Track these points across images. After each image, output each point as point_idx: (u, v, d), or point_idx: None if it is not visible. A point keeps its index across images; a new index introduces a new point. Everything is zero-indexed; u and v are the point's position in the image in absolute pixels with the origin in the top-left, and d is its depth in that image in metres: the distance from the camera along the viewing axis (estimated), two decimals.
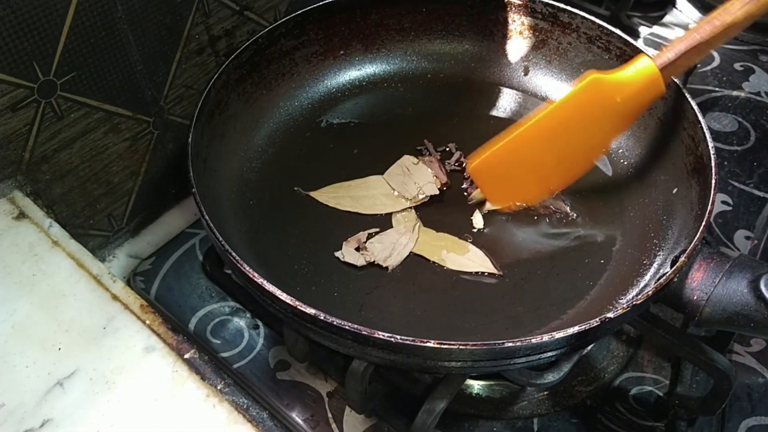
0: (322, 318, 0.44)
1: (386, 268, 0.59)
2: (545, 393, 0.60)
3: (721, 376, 0.53)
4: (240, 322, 0.65)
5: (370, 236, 0.61)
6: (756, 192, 0.78)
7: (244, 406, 0.47)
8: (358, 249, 0.60)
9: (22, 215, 0.56)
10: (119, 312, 0.51)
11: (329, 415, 0.58)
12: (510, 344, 0.44)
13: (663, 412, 0.59)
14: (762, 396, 0.60)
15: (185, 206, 0.76)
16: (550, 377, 0.55)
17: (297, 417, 0.58)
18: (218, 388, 0.47)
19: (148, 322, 0.50)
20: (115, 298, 0.51)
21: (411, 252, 0.61)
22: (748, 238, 0.73)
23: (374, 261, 0.59)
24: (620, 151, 0.69)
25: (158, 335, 0.49)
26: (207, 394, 0.47)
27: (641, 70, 0.57)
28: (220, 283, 0.68)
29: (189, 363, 0.48)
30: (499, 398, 0.60)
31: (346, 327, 0.44)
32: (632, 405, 0.60)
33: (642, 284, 0.57)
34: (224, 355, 0.62)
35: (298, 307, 0.45)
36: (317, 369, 0.61)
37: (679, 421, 0.59)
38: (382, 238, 0.61)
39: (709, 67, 0.95)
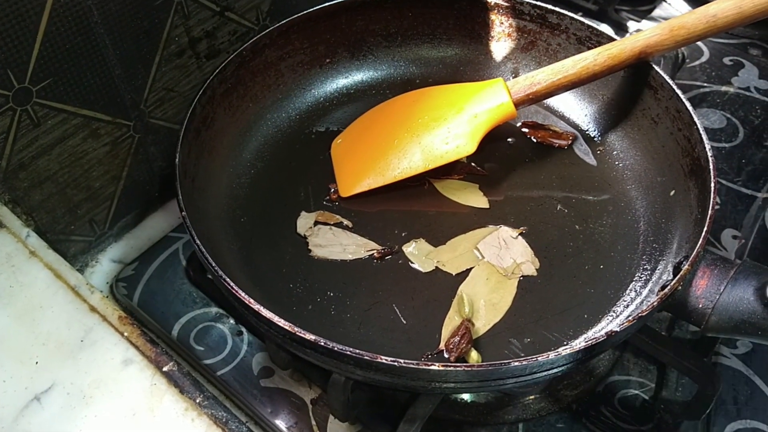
0: (322, 344, 0.44)
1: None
2: (530, 398, 0.60)
3: (705, 381, 0.53)
4: (223, 328, 0.64)
5: None
6: (744, 190, 0.78)
7: (223, 420, 0.46)
8: None
9: None
10: (97, 324, 0.50)
11: (313, 422, 0.58)
12: (517, 363, 0.43)
13: (648, 416, 0.59)
14: (747, 399, 0.60)
15: (168, 209, 0.75)
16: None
17: (281, 424, 0.58)
18: (197, 401, 0.47)
19: (126, 334, 0.50)
20: (93, 309, 0.51)
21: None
22: (735, 237, 0.73)
23: None
24: (614, 152, 0.68)
25: (136, 347, 0.49)
26: (186, 408, 0.46)
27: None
28: (203, 288, 0.67)
29: (168, 376, 0.48)
30: (484, 403, 0.60)
31: (347, 352, 0.43)
32: (618, 409, 0.60)
33: (645, 291, 0.57)
34: (208, 362, 0.61)
35: (297, 333, 0.44)
36: (301, 376, 0.60)
37: (664, 425, 0.58)
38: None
39: (697, 62, 0.94)
